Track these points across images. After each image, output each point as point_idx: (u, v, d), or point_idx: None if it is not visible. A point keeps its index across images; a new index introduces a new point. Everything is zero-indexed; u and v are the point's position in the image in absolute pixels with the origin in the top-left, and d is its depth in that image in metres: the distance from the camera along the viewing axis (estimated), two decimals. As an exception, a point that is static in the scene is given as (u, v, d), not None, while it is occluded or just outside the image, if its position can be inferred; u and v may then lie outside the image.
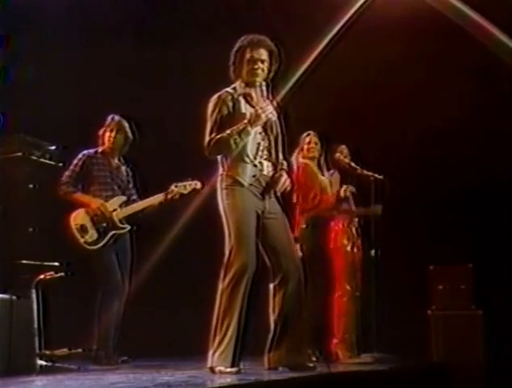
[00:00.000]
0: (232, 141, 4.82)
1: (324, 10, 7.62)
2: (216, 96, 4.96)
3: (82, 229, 6.10)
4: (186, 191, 6.21)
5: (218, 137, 4.86)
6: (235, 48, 5.02)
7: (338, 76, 7.51)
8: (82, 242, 6.09)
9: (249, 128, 4.85)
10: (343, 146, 6.83)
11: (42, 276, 5.73)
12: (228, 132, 4.84)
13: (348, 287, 6.51)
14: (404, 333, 6.94)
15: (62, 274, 5.87)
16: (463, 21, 7.54)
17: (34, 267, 5.74)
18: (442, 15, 7.59)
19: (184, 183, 6.19)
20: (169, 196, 6.17)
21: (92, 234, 6.09)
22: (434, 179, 7.54)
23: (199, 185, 6.21)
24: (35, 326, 5.49)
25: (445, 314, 6.91)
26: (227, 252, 4.88)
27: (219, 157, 4.99)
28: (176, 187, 6.18)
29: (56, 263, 5.94)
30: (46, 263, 5.87)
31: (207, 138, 4.91)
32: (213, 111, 4.91)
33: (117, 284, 6.12)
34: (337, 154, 6.74)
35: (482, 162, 7.55)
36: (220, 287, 4.87)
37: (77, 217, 6.16)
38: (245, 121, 4.86)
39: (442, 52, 7.58)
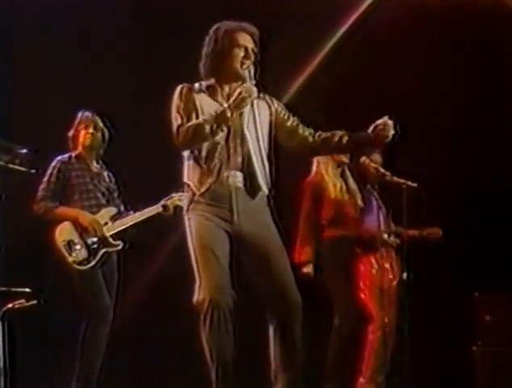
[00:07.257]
0: (208, 129, 4.23)
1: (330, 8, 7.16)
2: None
3: (70, 246, 5.63)
4: (181, 203, 5.67)
5: (191, 123, 4.29)
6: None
7: (355, 74, 6.98)
8: (71, 261, 5.60)
9: (228, 114, 4.25)
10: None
11: (10, 305, 5.42)
12: (204, 117, 4.29)
13: (376, 318, 5.95)
14: (444, 372, 6.59)
15: (35, 302, 5.50)
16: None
17: (0, 294, 5.47)
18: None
19: (179, 194, 5.69)
20: (168, 209, 5.77)
21: (81, 252, 5.61)
22: (480, 188, 6.92)
23: None
24: (1, 364, 5.26)
25: (493, 350, 6.48)
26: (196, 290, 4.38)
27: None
28: (171, 198, 5.77)
29: (28, 290, 5.56)
30: (15, 290, 5.55)
31: (175, 125, 4.34)
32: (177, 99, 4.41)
33: (105, 311, 5.62)
34: (363, 158, 6.06)
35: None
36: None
37: (64, 232, 5.65)
38: (225, 105, 4.30)
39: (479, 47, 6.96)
